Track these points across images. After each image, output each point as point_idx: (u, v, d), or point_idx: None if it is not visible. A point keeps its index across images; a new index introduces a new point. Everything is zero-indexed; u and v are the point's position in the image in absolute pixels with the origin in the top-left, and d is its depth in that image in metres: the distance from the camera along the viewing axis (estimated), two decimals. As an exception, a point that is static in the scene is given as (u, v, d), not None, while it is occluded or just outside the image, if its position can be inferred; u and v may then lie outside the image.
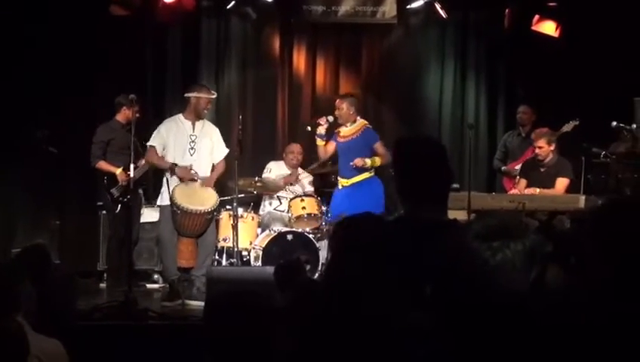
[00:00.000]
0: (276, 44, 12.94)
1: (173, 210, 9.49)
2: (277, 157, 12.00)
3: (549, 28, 12.08)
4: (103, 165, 10.34)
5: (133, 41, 12.13)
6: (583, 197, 9.66)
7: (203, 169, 9.85)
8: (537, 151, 10.38)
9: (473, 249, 2.11)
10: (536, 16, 12.13)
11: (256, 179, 11.04)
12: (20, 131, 11.25)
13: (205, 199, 9.60)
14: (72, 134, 11.49)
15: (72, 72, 11.72)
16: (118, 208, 10.23)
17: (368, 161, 10.22)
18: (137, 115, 9.62)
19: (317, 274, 10.14)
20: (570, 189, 10.28)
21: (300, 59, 13.10)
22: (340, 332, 2.68)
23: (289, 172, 11.52)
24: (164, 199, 9.70)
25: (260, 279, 8.33)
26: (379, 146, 10.34)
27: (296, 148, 11.61)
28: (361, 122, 10.55)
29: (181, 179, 9.61)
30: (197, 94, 9.89)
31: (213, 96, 10.21)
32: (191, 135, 9.81)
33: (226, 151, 10.14)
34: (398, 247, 3.45)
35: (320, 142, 10.62)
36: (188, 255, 9.68)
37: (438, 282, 2.23)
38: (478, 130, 12.68)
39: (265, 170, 11.48)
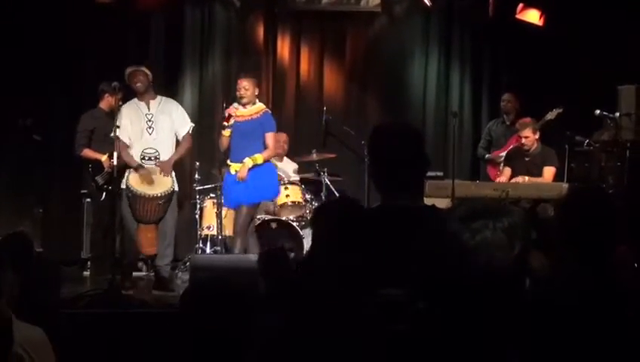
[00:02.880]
0: (260, 32, 12.93)
1: (127, 194, 9.39)
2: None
3: (533, 16, 12.10)
4: (87, 153, 10.24)
5: (116, 28, 12.09)
6: (566, 185, 9.71)
7: (165, 148, 9.68)
8: (524, 141, 10.37)
9: (453, 232, 2.12)
10: (520, 5, 12.14)
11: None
12: (5, 119, 11.22)
13: (158, 184, 9.43)
14: (57, 122, 11.48)
15: (56, 59, 11.70)
16: (103, 196, 10.13)
17: (250, 163, 9.43)
18: (120, 102, 9.55)
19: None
20: (556, 177, 10.33)
21: (284, 48, 13.09)
22: (319, 314, 2.69)
23: (274, 161, 11.49)
24: (123, 183, 9.57)
25: (244, 267, 8.33)
26: (269, 137, 9.58)
27: (282, 137, 11.57)
28: (260, 105, 9.75)
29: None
30: (126, 73, 9.73)
31: (137, 68, 9.76)
32: (147, 114, 9.63)
33: (191, 125, 9.99)
34: (376, 231, 3.45)
35: (228, 132, 9.58)
36: (147, 242, 9.54)
37: (421, 266, 2.23)
38: (462, 118, 12.69)
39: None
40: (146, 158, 9.60)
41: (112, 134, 9.46)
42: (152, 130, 9.59)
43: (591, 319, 2.88)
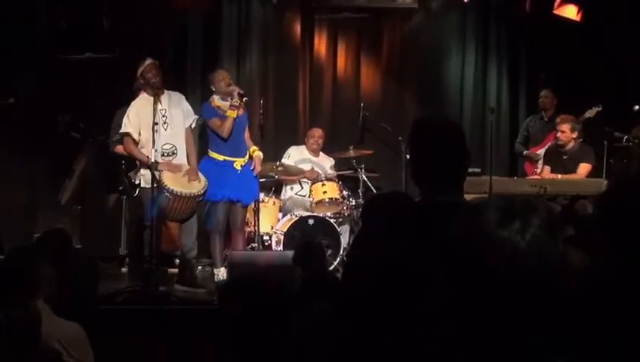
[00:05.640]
0: (297, 28, 12.92)
1: (165, 195, 9.09)
2: (298, 141, 12.01)
3: (570, 12, 12.00)
4: (121, 149, 10.21)
5: (154, 25, 12.11)
6: (605, 182, 9.64)
7: (180, 142, 9.45)
8: (559, 135, 10.36)
9: (501, 237, 2.04)
10: (558, 0, 12.05)
11: (278, 163, 11.03)
12: (43, 116, 11.28)
13: (193, 182, 9.37)
14: (95, 119, 11.52)
15: (93, 56, 11.75)
16: (136, 192, 10.02)
17: (260, 154, 10.04)
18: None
19: (338, 259, 10.17)
20: (591, 175, 10.26)
21: (320, 44, 13.08)
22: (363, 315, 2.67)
23: (310, 156, 11.50)
24: (144, 181, 9.36)
25: (281, 263, 8.34)
26: (247, 131, 10.06)
27: (317, 132, 11.60)
28: None
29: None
30: (145, 64, 9.55)
31: (156, 62, 9.62)
32: (161, 110, 9.31)
33: (195, 117, 9.76)
34: (422, 227, 3.43)
35: (235, 113, 9.74)
36: (171, 238, 9.51)
37: (469, 279, 2.16)
38: (499, 114, 12.63)
39: (284, 156, 11.45)
40: (165, 154, 9.31)
41: (122, 131, 9.42)
42: (167, 125, 9.33)
43: (623, 318, 2.84)
